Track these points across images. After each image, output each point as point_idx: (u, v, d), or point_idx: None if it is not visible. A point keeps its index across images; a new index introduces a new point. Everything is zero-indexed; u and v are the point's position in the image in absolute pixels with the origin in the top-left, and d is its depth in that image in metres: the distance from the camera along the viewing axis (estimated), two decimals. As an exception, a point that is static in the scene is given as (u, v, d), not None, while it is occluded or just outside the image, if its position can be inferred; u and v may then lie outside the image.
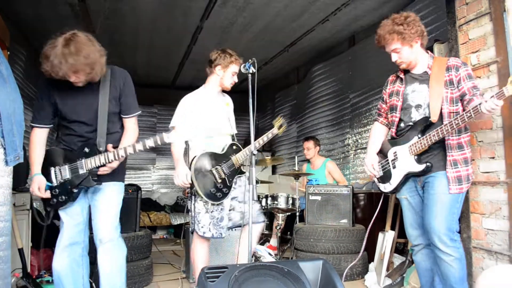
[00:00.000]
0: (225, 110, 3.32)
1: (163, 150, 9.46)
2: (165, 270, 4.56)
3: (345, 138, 6.45)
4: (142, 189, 4.34)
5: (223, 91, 3.35)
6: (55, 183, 2.58)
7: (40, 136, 2.67)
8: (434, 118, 2.58)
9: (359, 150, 6.12)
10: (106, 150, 2.56)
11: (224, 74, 3.22)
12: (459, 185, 2.53)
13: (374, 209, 3.90)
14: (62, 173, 2.58)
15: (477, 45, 3.07)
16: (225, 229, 3.13)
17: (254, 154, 2.69)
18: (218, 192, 3.06)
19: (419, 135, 2.63)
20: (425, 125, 2.62)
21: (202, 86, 3.33)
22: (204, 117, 3.20)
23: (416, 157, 2.65)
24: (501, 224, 2.81)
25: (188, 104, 3.21)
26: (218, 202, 3.08)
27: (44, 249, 4.08)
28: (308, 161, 5.75)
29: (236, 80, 3.25)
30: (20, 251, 3.21)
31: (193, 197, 3.13)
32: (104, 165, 2.55)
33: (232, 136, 3.33)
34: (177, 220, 7.71)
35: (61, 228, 2.65)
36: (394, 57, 2.71)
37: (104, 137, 2.58)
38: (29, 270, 3.38)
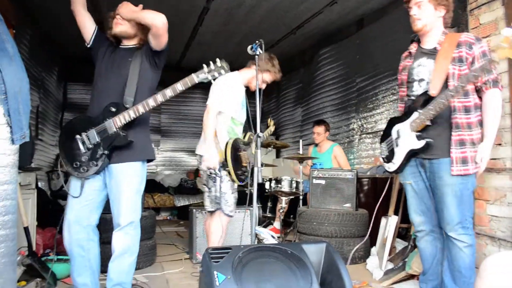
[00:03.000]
0: (245, 101, 3.54)
1: (167, 132, 9.47)
2: (168, 250, 4.60)
3: (350, 123, 6.43)
4: (146, 171, 4.36)
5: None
6: (83, 150, 2.54)
7: None
8: (433, 91, 2.49)
9: (364, 135, 6.10)
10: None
11: (253, 76, 3.38)
12: (464, 166, 2.45)
13: (377, 194, 3.94)
14: (90, 138, 2.54)
15: (488, 30, 3.02)
16: None
17: (259, 136, 2.70)
18: (243, 175, 3.27)
19: (419, 110, 2.55)
20: (425, 99, 2.53)
21: (237, 72, 3.51)
22: (232, 101, 3.38)
23: (417, 133, 2.57)
24: (505, 211, 2.81)
25: (228, 85, 3.37)
26: (242, 184, 3.30)
27: (49, 228, 4.13)
28: (315, 144, 5.75)
29: (262, 87, 3.38)
30: (26, 230, 3.25)
31: (218, 178, 3.26)
32: (134, 121, 2.53)
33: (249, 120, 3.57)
34: (180, 202, 7.76)
35: (66, 208, 2.63)
36: (414, 11, 2.60)
37: (132, 96, 2.55)
38: (34, 248, 3.42)
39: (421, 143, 2.55)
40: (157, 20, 2.45)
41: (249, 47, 2.94)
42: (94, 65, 2.75)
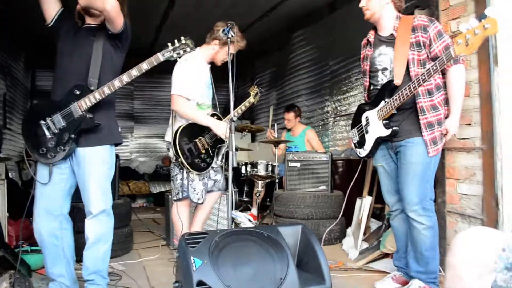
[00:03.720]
0: (210, 80, 3.34)
1: (141, 118, 9.34)
2: (145, 237, 4.57)
3: (325, 106, 6.48)
4: (120, 158, 4.30)
5: None
6: (49, 136, 2.47)
7: None
8: (397, 81, 2.57)
9: (338, 118, 6.15)
10: None
11: (220, 51, 3.22)
12: (435, 147, 2.55)
13: (352, 176, 4.00)
14: (55, 123, 2.47)
15: (457, 11, 3.06)
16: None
17: (233, 121, 2.68)
18: (203, 163, 3.13)
19: (386, 99, 2.62)
20: (390, 88, 2.60)
21: (198, 49, 3.26)
22: (196, 86, 3.21)
23: (384, 121, 2.65)
24: (475, 189, 2.88)
25: (189, 69, 3.18)
26: (202, 173, 3.13)
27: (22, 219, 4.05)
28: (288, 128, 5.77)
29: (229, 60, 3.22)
30: (-3, 221, 3.17)
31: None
32: (99, 103, 2.47)
33: (214, 105, 3.38)
34: (156, 189, 7.71)
35: (36, 197, 2.55)
36: (362, 2, 2.71)
37: (96, 78, 2.48)
38: (6, 240, 3.35)
39: (388, 131, 2.64)
40: (106, 5, 2.37)
41: (221, 30, 2.90)
42: None
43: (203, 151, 3.15)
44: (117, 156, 4.15)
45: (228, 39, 2.78)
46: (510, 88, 2.68)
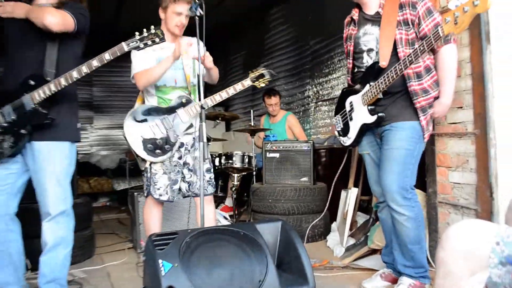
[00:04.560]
0: (179, 60, 3.21)
1: (101, 107, 9.20)
2: (109, 240, 4.52)
3: (305, 90, 6.50)
4: (78, 152, 4.22)
5: (186, 34, 3.20)
6: None
7: None
8: (383, 63, 2.58)
9: (320, 102, 6.18)
10: None
11: (166, 17, 3.09)
12: (427, 132, 2.62)
13: (336, 165, 4.04)
14: (5, 115, 2.42)
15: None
16: (176, 193, 3.14)
17: (203, 108, 2.65)
18: (158, 149, 3.01)
19: (371, 83, 2.62)
20: (376, 70, 2.61)
21: None
22: (147, 67, 3.10)
23: (369, 107, 2.66)
24: (468, 177, 2.93)
25: (140, 54, 3.06)
26: (158, 159, 3.03)
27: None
28: (267, 113, 5.76)
29: (184, 21, 3.10)
30: None
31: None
32: (54, 95, 2.42)
33: (187, 87, 3.25)
34: (120, 186, 7.64)
35: None
36: None
37: (53, 67, 2.45)
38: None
39: (373, 118, 2.65)
40: (45, 22, 2.34)
41: (187, 7, 2.85)
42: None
43: (160, 136, 3.02)
44: (74, 150, 4.08)
45: (197, 17, 2.72)
46: (504, 68, 2.72)
